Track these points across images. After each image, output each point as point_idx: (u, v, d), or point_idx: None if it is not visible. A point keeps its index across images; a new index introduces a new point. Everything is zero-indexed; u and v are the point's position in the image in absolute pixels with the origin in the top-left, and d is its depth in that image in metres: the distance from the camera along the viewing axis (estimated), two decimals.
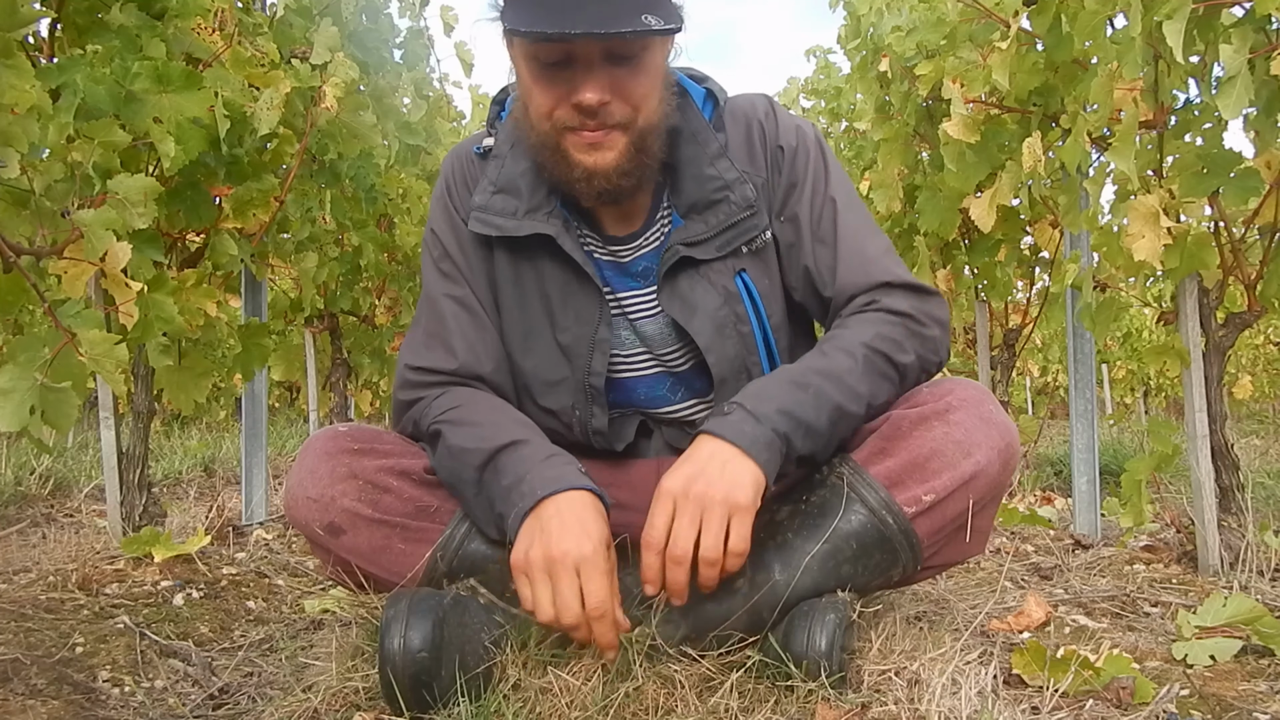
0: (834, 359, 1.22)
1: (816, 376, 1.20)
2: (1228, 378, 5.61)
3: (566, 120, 1.20)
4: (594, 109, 1.17)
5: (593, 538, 1.10)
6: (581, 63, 1.16)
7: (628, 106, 1.20)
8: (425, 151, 3.56)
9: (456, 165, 1.41)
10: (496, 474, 1.18)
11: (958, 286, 3.22)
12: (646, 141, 1.23)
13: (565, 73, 1.18)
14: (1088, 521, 2.47)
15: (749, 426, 1.13)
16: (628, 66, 1.18)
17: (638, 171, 1.24)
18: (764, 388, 1.19)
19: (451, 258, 1.37)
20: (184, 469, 4.20)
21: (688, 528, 1.08)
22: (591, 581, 1.07)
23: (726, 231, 1.31)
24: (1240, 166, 1.66)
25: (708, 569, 1.08)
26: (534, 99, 1.22)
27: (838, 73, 4.87)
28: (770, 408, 1.15)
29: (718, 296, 1.31)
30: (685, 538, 1.08)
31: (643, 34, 1.12)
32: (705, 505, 1.08)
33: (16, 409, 1.20)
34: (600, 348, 1.33)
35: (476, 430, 1.23)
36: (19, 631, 1.42)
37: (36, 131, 1.24)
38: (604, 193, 1.24)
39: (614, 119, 1.19)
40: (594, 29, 1.10)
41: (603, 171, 1.22)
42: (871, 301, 1.29)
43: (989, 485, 1.22)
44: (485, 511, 1.20)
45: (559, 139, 1.21)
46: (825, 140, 1.41)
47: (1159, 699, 1.15)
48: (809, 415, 1.16)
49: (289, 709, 1.15)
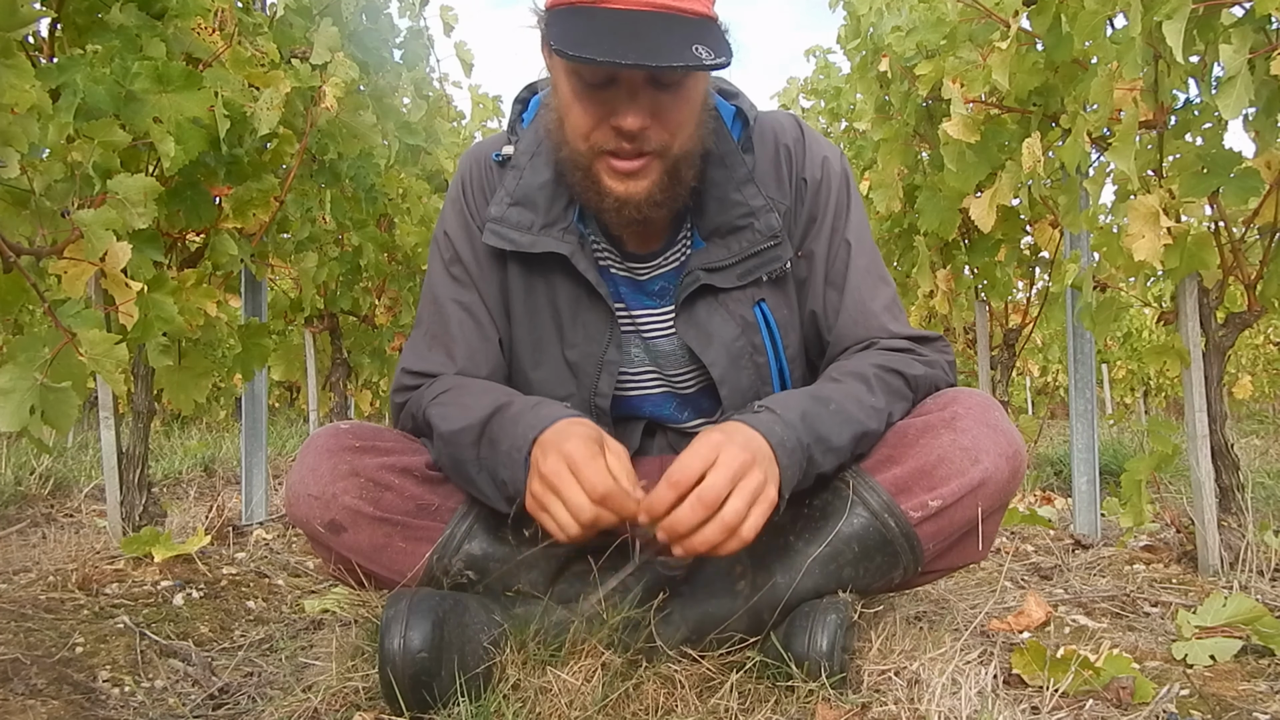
0: (847, 383, 1.22)
1: (837, 394, 1.20)
2: (1228, 378, 5.61)
3: (604, 143, 1.18)
4: (634, 134, 1.16)
5: (577, 437, 1.08)
6: (625, 87, 1.15)
7: (665, 133, 1.18)
8: (425, 151, 3.56)
9: (475, 169, 1.39)
10: (492, 444, 1.17)
11: (958, 286, 3.23)
12: (680, 170, 1.22)
13: (607, 93, 1.16)
14: (1088, 521, 2.47)
15: (779, 429, 1.11)
16: (670, 94, 1.16)
17: (670, 202, 1.23)
18: (788, 399, 1.19)
19: (463, 262, 1.36)
20: (184, 469, 4.21)
21: (726, 480, 1.04)
22: (586, 472, 1.05)
23: (749, 260, 1.29)
24: (1240, 166, 1.66)
25: (718, 531, 1.03)
26: (571, 117, 1.20)
27: (838, 73, 4.87)
28: (795, 416, 1.14)
29: (735, 327, 1.31)
30: (719, 487, 1.03)
31: (695, 68, 1.09)
32: (747, 473, 1.05)
33: (16, 409, 1.20)
34: (608, 369, 1.33)
35: (463, 409, 1.22)
36: (19, 631, 1.42)
37: (36, 131, 1.24)
38: (634, 222, 1.23)
39: (650, 145, 1.18)
40: (645, 61, 1.07)
41: (635, 202, 1.20)
42: (871, 344, 1.31)
43: (997, 492, 1.22)
44: (492, 486, 1.18)
45: (592, 162, 1.20)
46: (850, 170, 1.39)
47: (1159, 699, 1.15)
48: (830, 431, 1.16)
49: (289, 709, 1.15)
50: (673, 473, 1.05)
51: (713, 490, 1.03)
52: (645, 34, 1.08)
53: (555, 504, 1.07)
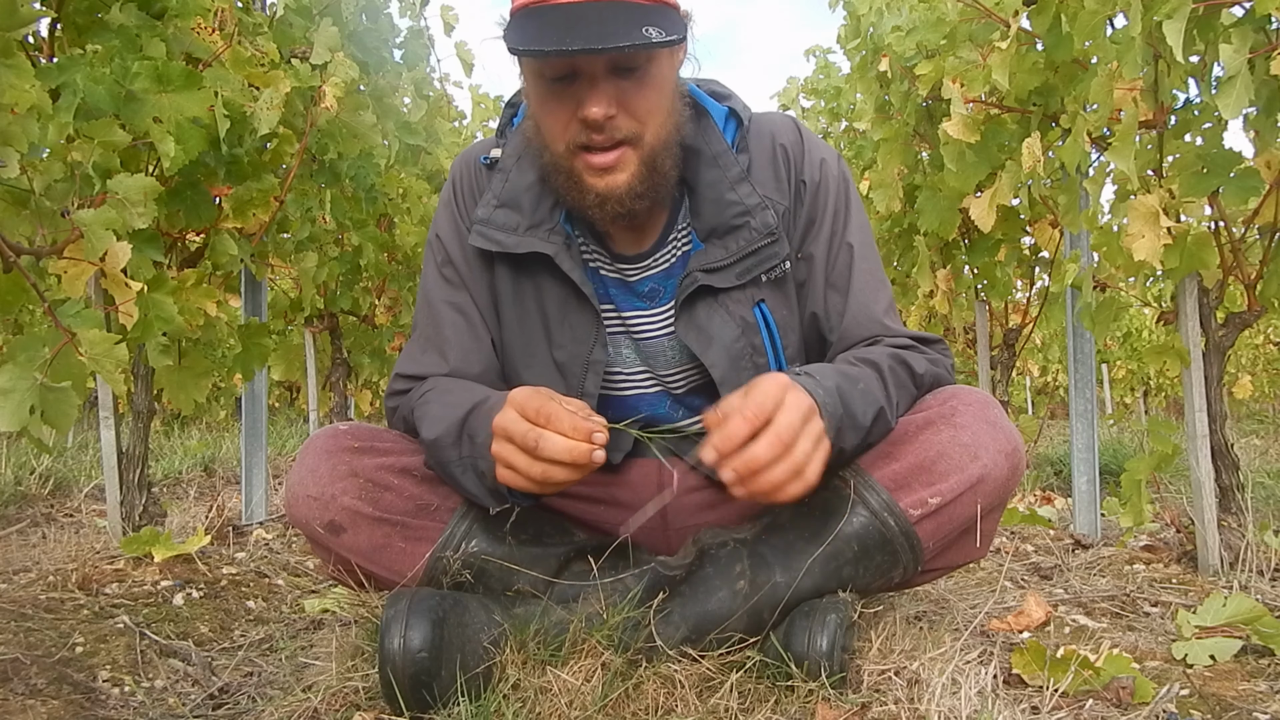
0: (862, 369, 1.22)
1: (861, 375, 1.19)
2: (1228, 378, 5.61)
3: (577, 138, 1.19)
4: (600, 123, 1.16)
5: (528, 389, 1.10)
6: (586, 77, 1.16)
7: (634, 121, 1.19)
8: (425, 151, 3.57)
9: (465, 172, 1.40)
10: (471, 440, 1.17)
11: (958, 286, 3.23)
12: (658, 160, 1.22)
13: (571, 88, 1.17)
14: (1088, 521, 2.47)
15: (821, 393, 1.10)
16: (633, 80, 1.17)
17: (651, 192, 1.24)
18: (822, 370, 1.17)
19: (454, 264, 1.37)
20: (184, 469, 4.21)
21: (800, 420, 1.02)
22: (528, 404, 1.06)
23: (747, 259, 1.29)
24: (1240, 166, 1.66)
25: (788, 471, 1.01)
26: (544, 119, 1.21)
27: (838, 73, 4.87)
28: (831, 385, 1.13)
29: (735, 327, 1.31)
30: (796, 425, 1.01)
31: (642, 47, 1.10)
32: (813, 417, 1.04)
33: (16, 409, 1.20)
34: (594, 369, 1.33)
35: (444, 407, 1.23)
36: (19, 631, 1.42)
37: (36, 131, 1.24)
38: (619, 216, 1.24)
39: (621, 133, 1.18)
40: (592, 44, 1.08)
41: (615, 195, 1.21)
42: (876, 340, 1.31)
43: (996, 489, 1.22)
44: (476, 481, 1.18)
45: (572, 161, 1.21)
46: (849, 172, 1.40)
47: (1159, 699, 1.15)
48: (857, 409, 1.15)
49: (289, 709, 1.15)
50: (742, 407, 1.02)
51: (790, 429, 1.01)
52: (594, 21, 1.10)
53: (508, 449, 1.07)
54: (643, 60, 1.17)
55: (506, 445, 1.08)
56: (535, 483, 1.07)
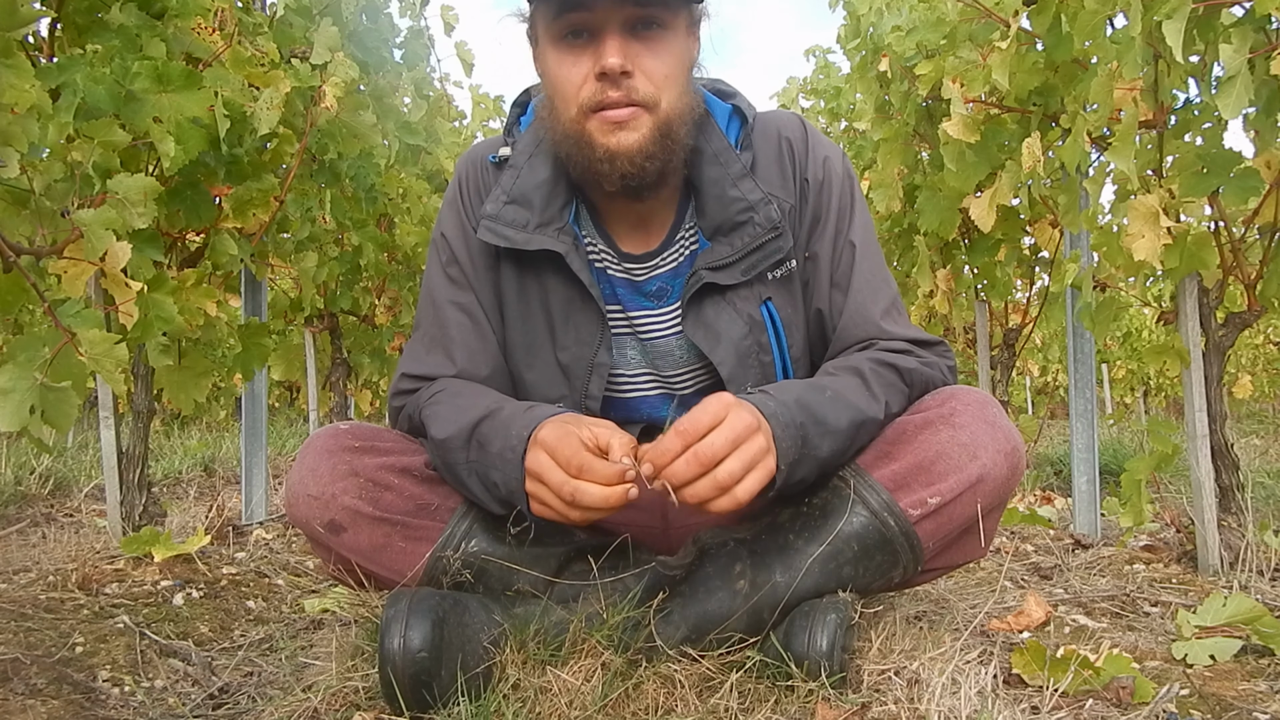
0: (841, 375, 1.23)
1: (832, 383, 1.21)
2: (1228, 377, 5.61)
3: (592, 98, 1.19)
4: (616, 74, 1.17)
5: (553, 422, 1.11)
6: (603, 32, 1.17)
7: (651, 85, 1.19)
8: (425, 151, 3.57)
9: (471, 171, 1.40)
10: (482, 447, 1.17)
11: (958, 286, 3.23)
12: (673, 128, 1.22)
13: (589, 46, 1.18)
14: (1088, 521, 2.48)
15: (773, 404, 1.12)
16: (650, 43, 1.19)
17: (662, 155, 1.22)
18: (782, 386, 1.20)
19: (460, 263, 1.37)
20: (184, 469, 4.21)
21: (726, 441, 1.04)
22: (562, 450, 1.06)
23: (752, 254, 1.29)
24: (1240, 166, 1.66)
25: (710, 488, 1.03)
26: (559, 82, 1.22)
27: (838, 73, 4.87)
28: (789, 398, 1.15)
29: (743, 325, 1.31)
30: (717, 446, 1.03)
31: None
32: (750, 437, 1.05)
33: (16, 409, 1.20)
34: (598, 371, 1.33)
35: (455, 411, 1.23)
36: (19, 631, 1.42)
37: (36, 131, 1.24)
38: (626, 175, 1.22)
39: (639, 94, 1.19)
40: None
41: (625, 153, 1.20)
42: (869, 344, 1.31)
43: (995, 489, 1.22)
44: (483, 488, 1.18)
45: (584, 123, 1.21)
46: (853, 170, 1.40)
47: (1159, 699, 1.15)
48: (826, 413, 1.16)
49: (289, 709, 1.15)
50: (681, 423, 1.05)
51: (710, 449, 1.03)
52: None
53: (544, 491, 1.08)
54: (662, 18, 1.19)
55: (542, 489, 1.09)
56: (570, 521, 1.09)
